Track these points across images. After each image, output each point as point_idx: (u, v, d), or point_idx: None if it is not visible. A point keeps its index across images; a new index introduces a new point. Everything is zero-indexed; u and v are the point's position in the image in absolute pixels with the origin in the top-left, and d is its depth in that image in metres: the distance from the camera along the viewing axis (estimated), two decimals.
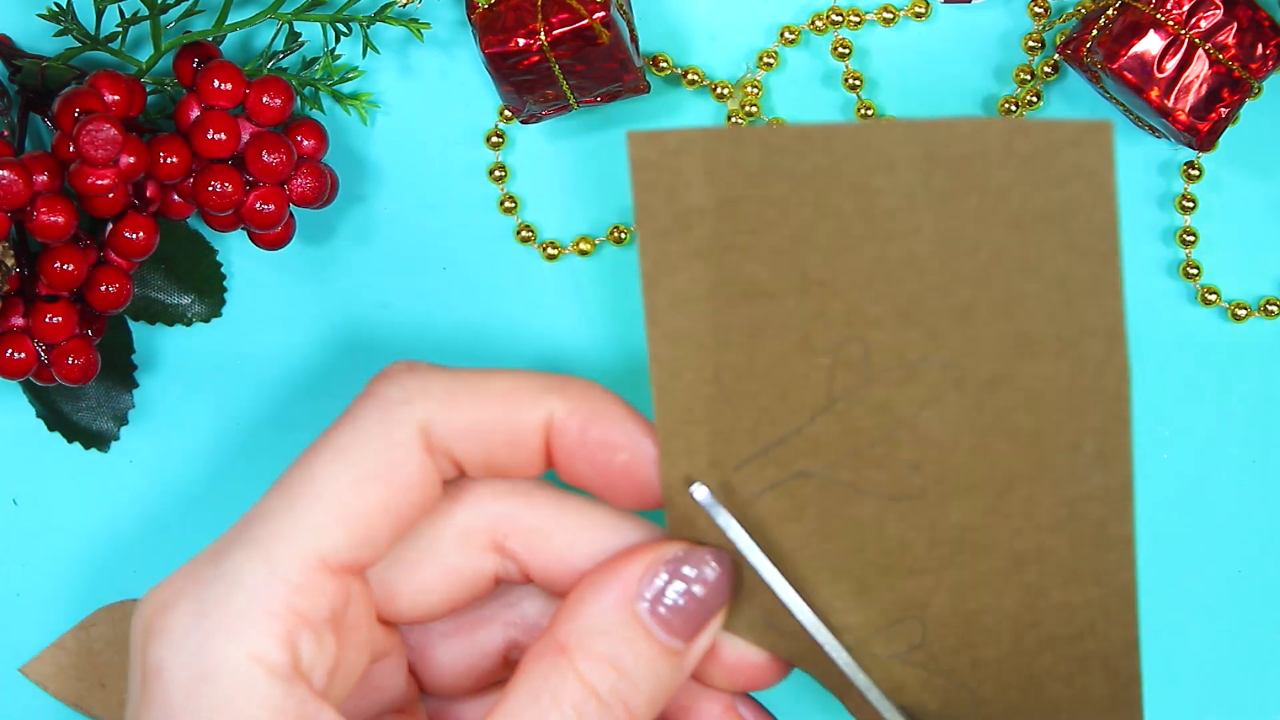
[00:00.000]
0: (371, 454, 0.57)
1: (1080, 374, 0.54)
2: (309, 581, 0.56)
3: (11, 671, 0.71)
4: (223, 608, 0.55)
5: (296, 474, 0.57)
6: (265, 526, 0.56)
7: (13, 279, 0.65)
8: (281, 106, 0.66)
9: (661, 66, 0.69)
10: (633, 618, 0.57)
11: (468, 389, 0.58)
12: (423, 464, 0.57)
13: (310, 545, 0.56)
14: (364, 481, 0.57)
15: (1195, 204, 0.69)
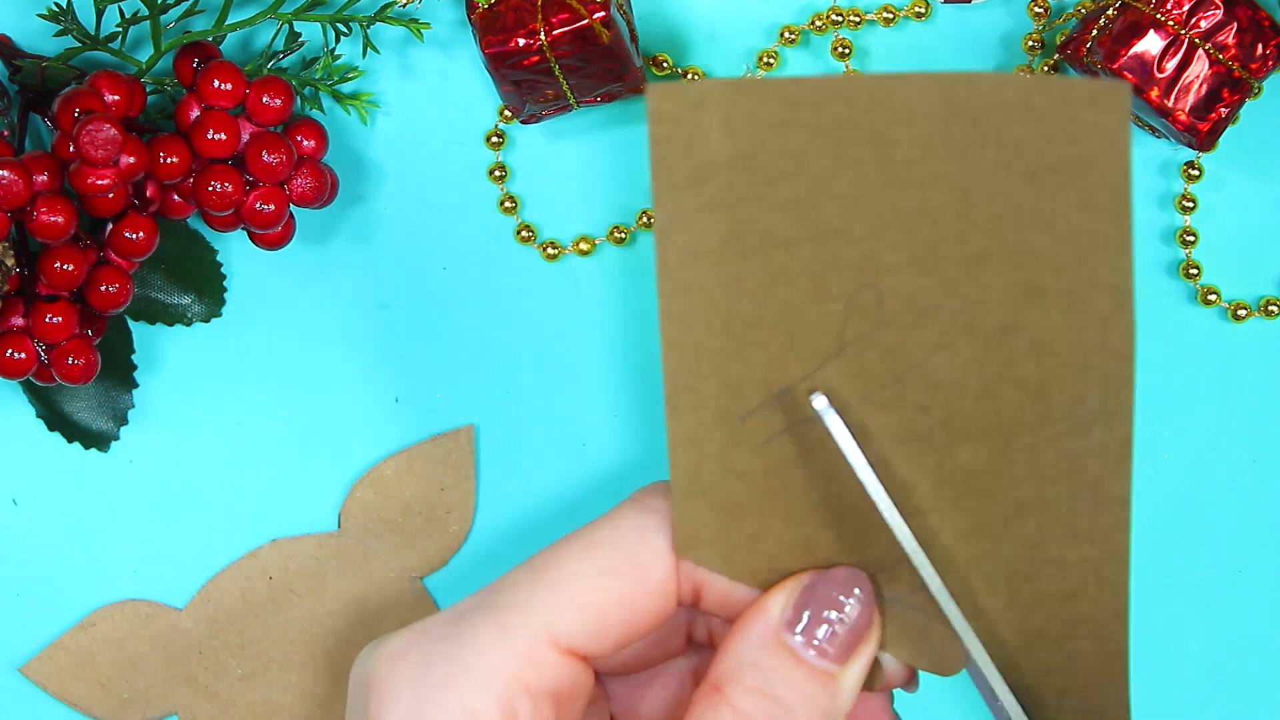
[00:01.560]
0: (621, 552, 0.58)
1: (1086, 328, 0.54)
2: (536, 653, 0.57)
3: (11, 671, 0.71)
4: (448, 663, 0.57)
5: (545, 556, 0.59)
6: (504, 597, 0.58)
7: (13, 279, 0.65)
8: (281, 106, 0.66)
9: (661, 66, 0.69)
10: (779, 645, 0.58)
11: None
12: (667, 575, 0.59)
13: (544, 621, 0.57)
14: (607, 575, 0.58)
15: (1195, 204, 0.69)
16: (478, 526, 0.71)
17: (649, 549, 0.58)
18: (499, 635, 0.57)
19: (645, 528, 0.59)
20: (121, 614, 0.70)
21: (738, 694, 0.57)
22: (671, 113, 0.53)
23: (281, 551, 0.70)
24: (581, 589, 0.58)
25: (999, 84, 0.52)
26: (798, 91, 0.53)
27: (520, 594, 0.58)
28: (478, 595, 0.59)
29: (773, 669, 0.57)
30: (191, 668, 0.70)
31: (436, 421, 0.70)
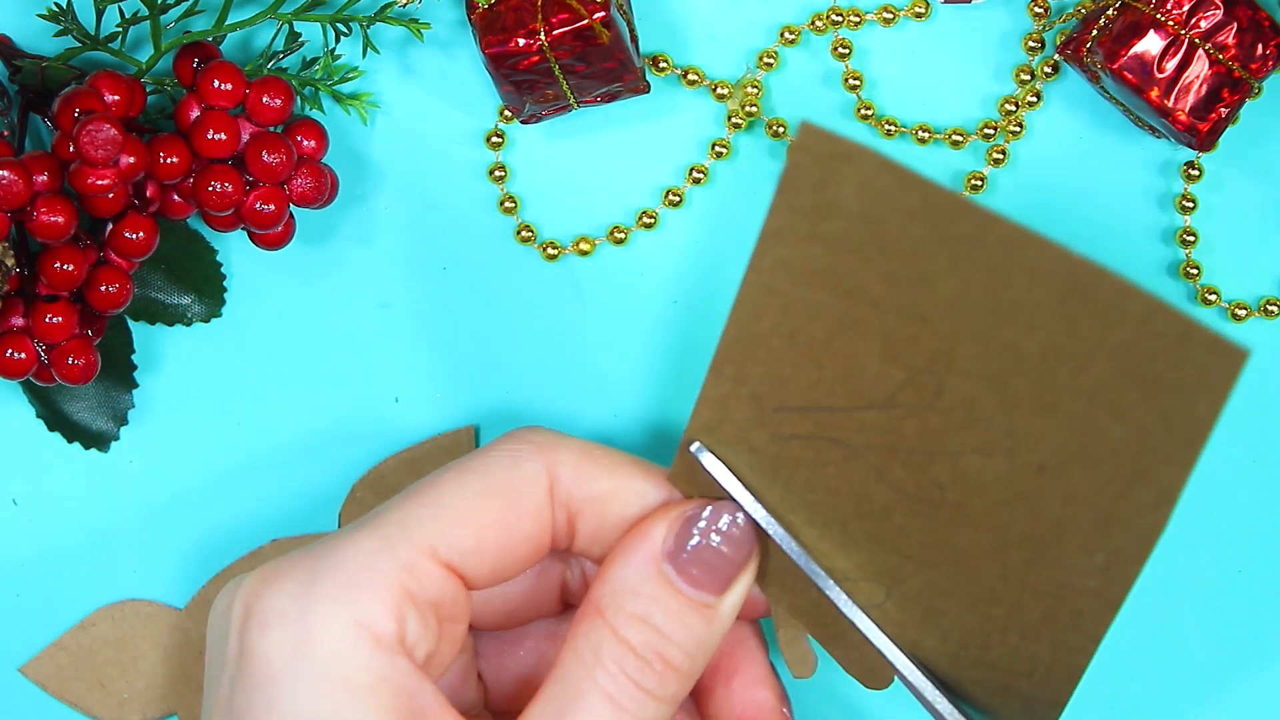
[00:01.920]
0: (496, 477, 0.60)
1: (1122, 504, 0.56)
2: (419, 564, 0.58)
3: (11, 671, 0.71)
4: (333, 575, 0.57)
5: (421, 483, 0.60)
6: (383, 515, 0.59)
7: (13, 279, 0.65)
8: (281, 106, 0.66)
9: (661, 66, 0.69)
10: (659, 575, 0.59)
11: (601, 452, 0.61)
12: (542, 501, 0.60)
13: (424, 534, 0.58)
14: (485, 495, 0.59)
15: (1195, 204, 0.69)
16: None
17: (523, 474, 0.60)
18: (382, 547, 0.58)
19: (519, 455, 0.60)
20: (121, 614, 0.70)
21: (619, 620, 0.58)
22: (815, 151, 0.54)
23: (281, 551, 0.70)
24: (460, 507, 0.59)
25: (1128, 293, 0.53)
26: (938, 198, 0.54)
27: (400, 513, 0.59)
28: (355, 521, 0.59)
29: (653, 598, 0.59)
30: (191, 668, 0.70)
31: (436, 421, 0.70)
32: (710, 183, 0.70)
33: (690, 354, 0.70)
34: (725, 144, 0.69)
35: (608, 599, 0.59)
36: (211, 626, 0.59)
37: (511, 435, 0.61)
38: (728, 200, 0.70)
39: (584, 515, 0.61)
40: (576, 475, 0.61)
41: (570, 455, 0.61)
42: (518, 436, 0.61)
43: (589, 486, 0.61)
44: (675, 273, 0.70)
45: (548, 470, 0.60)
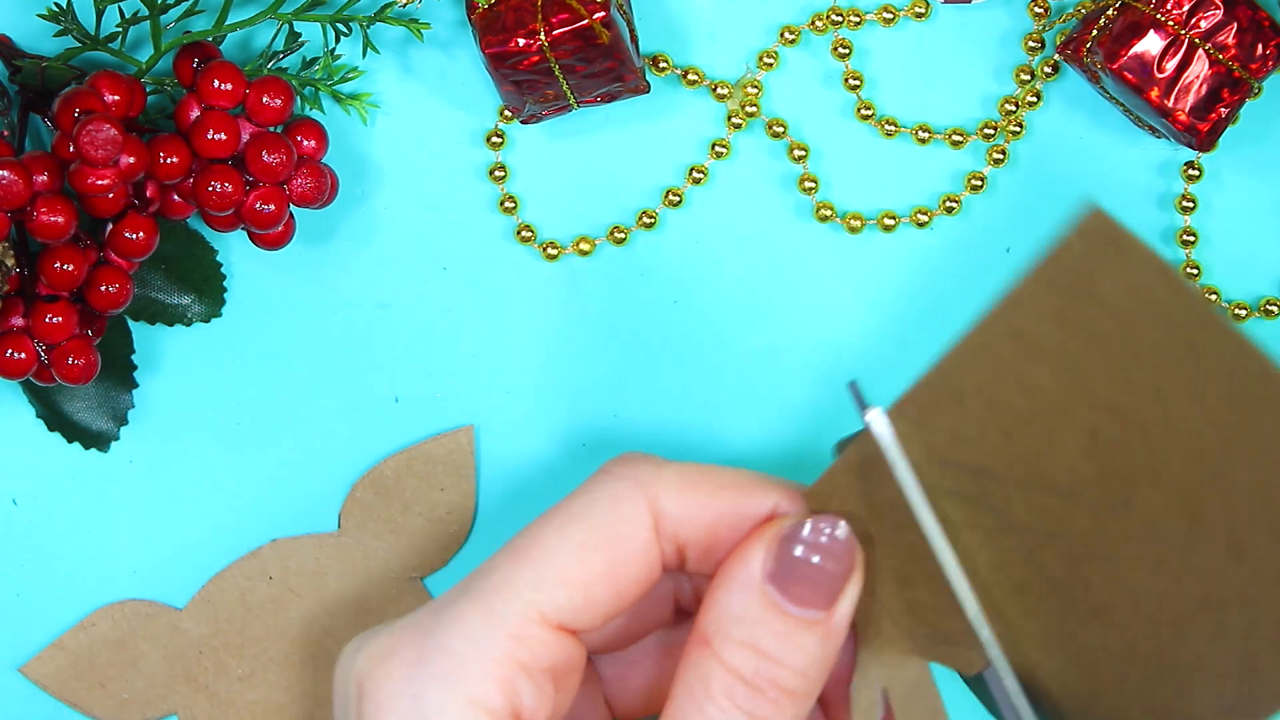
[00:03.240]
0: (599, 524, 0.58)
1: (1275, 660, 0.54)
2: (528, 633, 0.57)
3: (11, 671, 0.71)
4: (442, 654, 0.56)
5: (523, 537, 0.59)
6: (488, 580, 0.58)
7: (13, 279, 0.65)
8: (281, 106, 0.66)
9: (661, 66, 0.69)
10: (762, 597, 0.58)
11: (700, 475, 0.60)
12: (648, 542, 0.59)
13: (531, 599, 0.57)
14: (588, 547, 0.58)
15: (1195, 204, 0.69)
16: (478, 526, 0.71)
17: (625, 517, 0.59)
18: (488, 619, 0.57)
19: (619, 496, 0.59)
20: (121, 614, 0.70)
21: (726, 649, 0.57)
22: (1096, 236, 0.53)
23: (281, 551, 0.70)
24: (564, 564, 0.58)
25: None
26: (1207, 320, 0.52)
27: (502, 576, 0.58)
28: (458, 585, 0.59)
29: (758, 622, 0.57)
30: (191, 668, 0.70)
31: (436, 421, 0.70)
32: (710, 183, 0.70)
33: (690, 354, 0.70)
34: (725, 144, 0.69)
35: (713, 628, 0.58)
36: (335, 691, 0.59)
37: (610, 471, 0.60)
38: (728, 200, 0.70)
39: (691, 544, 0.60)
40: (680, 506, 0.59)
41: (671, 487, 0.59)
42: (616, 472, 0.60)
43: (693, 515, 0.59)
44: (675, 273, 0.70)
45: (650, 507, 0.59)
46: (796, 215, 0.70)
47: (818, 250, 0.70)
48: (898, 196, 0.70)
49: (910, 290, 0.70)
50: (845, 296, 0.70)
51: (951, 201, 0.69)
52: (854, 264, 0.70)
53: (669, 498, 0.59)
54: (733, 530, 0.59)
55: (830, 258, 0.70)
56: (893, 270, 0.70)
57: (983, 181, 0.69)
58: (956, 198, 0.69)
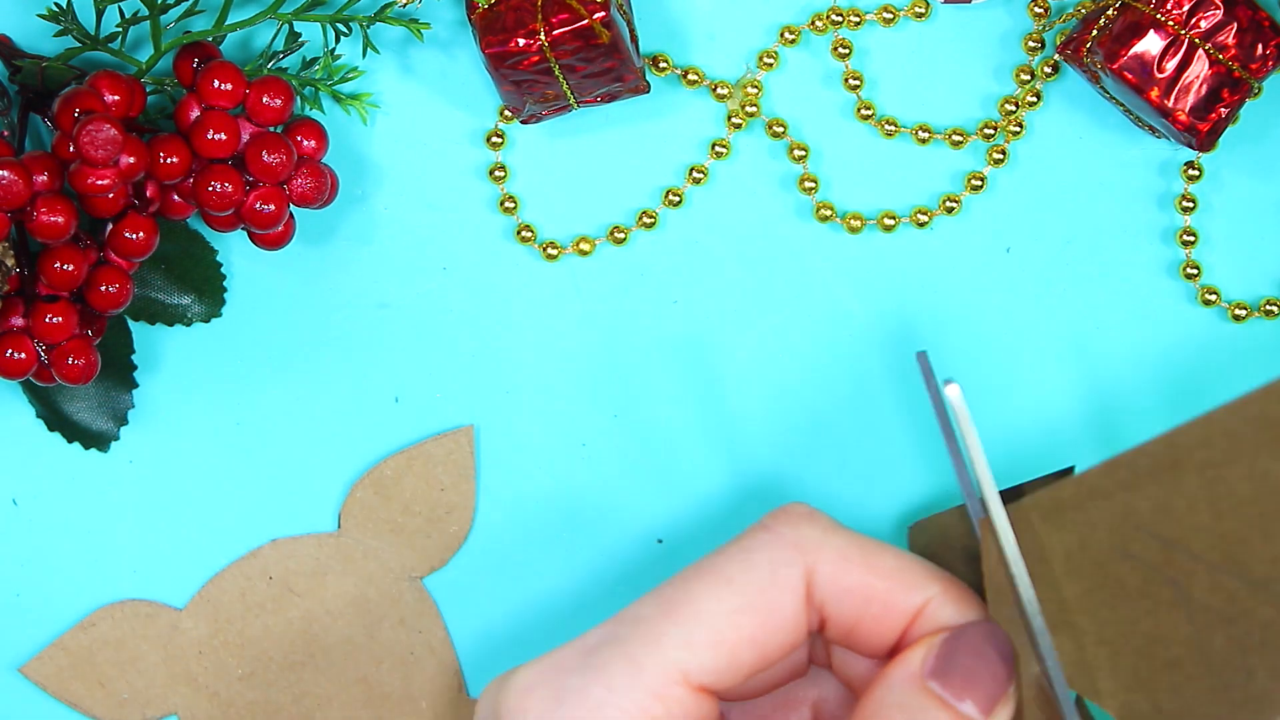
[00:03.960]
0: (755, 589, 0.58)
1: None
2: (668, 692, 0.57)
3: (11, 671, 0.71)
4: (580, 698, 0.57)
5: (679, 587, 0.58)
6: (635, 630, 0.58)
7: (13, 279, 0.65)
8: (281, 106, 0.66)
9: (661, 66, 0.69)
10: (925, 690, 0.58)
11: (861, 555, 0.59)
12: (799, 611, 0.59)
13: (676, 659, 0.57)
14: (740, 612, 0.58)
15: (1195, 204, 0.69)
16: (478, 526, 0.71)
17: (781, 584, 0.58)
18: (631, 671, 0.57)
19: (778, 561, 0.58)
20: (121, 614, 0.70)
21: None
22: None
23: (281, 551, 0.70)
24: (715, 626, 0.57)
25: None
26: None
27: (651, 628, 0.58)
28: (607, 626, 0.59)
29: (923, 711, 0.57)
30: (191, 668, 0.70)
31: (436, 421, 0.70)
32: (710, 183, 0.70)
33: (690, 354, 0.70)
34: (725, 144, 0.69)
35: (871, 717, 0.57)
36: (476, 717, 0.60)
37: (773, 529, 0.59)
38: (728, 200, 0.70)
39: (835, 618, 0.59)
40: (834, 582, 0.59)
41: (829, 560, 0.59)
42: (778, 532, 0.59)
43: (846, 594, 0.59)
44: (675, 273, 0.70)
45: (806, 576, 0.59)
46: (796, 215, 0.70)
47: (818, 250, 0.70)
48: (898, 196, 0.70)
49: (910, 290, 0.70)
50: (845, 296, 0.70)
51: (951, 201, 0.69)
52: (854, 264, 0.70)
53: (827, 571, 0.59)
54: (880, 617, 0.59)
55: (830, 258, 0.70)
56: (893, 270, 0.70)
57: (983, 181, 0.69)
58: (956, 198, 0.69)
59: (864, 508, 0.70)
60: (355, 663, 0.70)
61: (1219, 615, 0.56)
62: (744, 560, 0.59)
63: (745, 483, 0.70)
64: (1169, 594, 0.57)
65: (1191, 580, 0.57)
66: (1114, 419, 0.69)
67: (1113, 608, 0.58)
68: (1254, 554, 0.56)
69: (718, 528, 0.70)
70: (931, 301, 0.70)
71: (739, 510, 0.70)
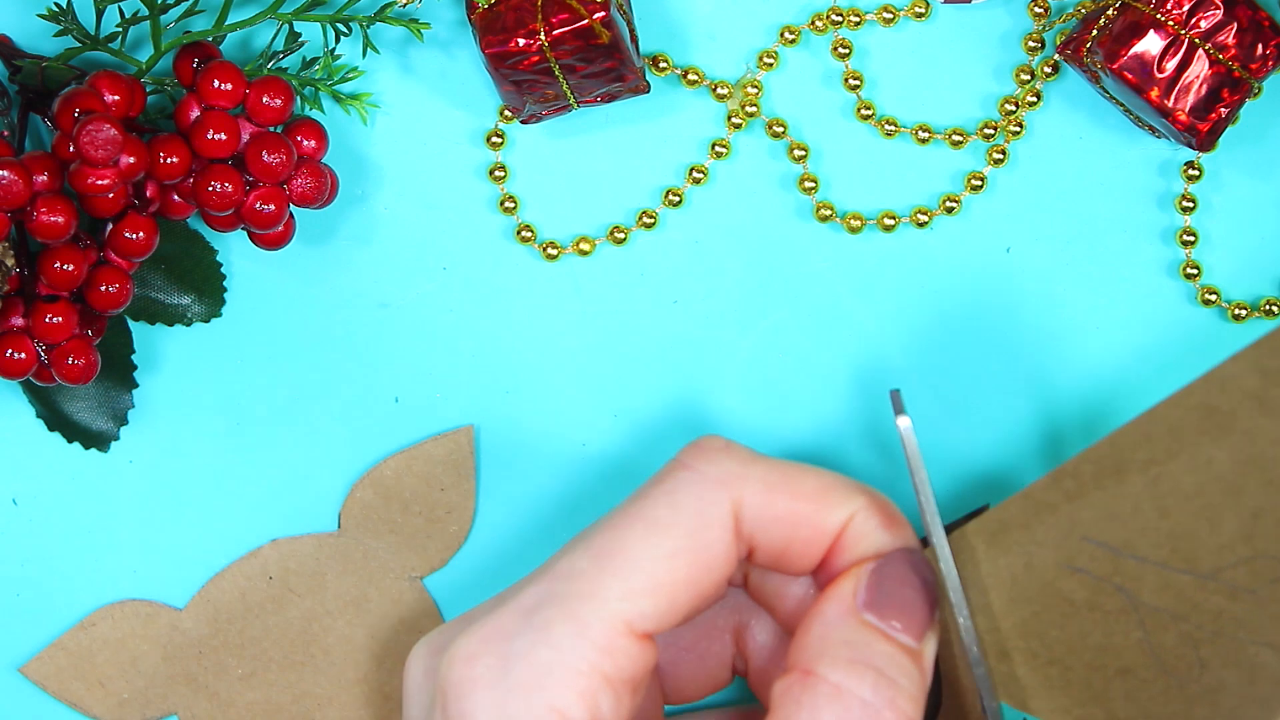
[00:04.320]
0: (685, 530, 0.58)
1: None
2: (614, 644, 0.57)
3: (11, 671, 0.71)
4: (528, 662, 0.57)
5: (609, 537, 0.59)
6: (574, 585, 0.58)
7: (13, 279, 0.65)
8: (281, 106, 0.66)
9: (661, 66, 0.69)
10: (865, 623, 0.58)
11: (784, 481, 0.59)
12: (729, 546, 0.59)
13: (618, 610, 0.57)
14: (675, 555, 0.58)
15: (1195, 204, 0.69)
16: (478, 526, 0.71)
17: (711, 522, 0.59)
18: (575, 629, 0.57)
19: (704, 500, 0.59)
20: (121, 614, 0.70)
21: (838, 671, 0.57)
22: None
23: (281, 551, 0.70)
24: (651, 572, 0.58)
25: None
26: None
27: (589, 582, 0.58)
28: (541, 584, 0.58)
29: (867, 644, 0.57)
30: (191, 668, 0.70)
31: (436, 421, 0.70)
32: (710, 183, 0.70)
33: (690, 354, 0.70)
34: (725, 144, 0.69)
35: (816, 657, 0.57)
36: (409, 687, 0.60)
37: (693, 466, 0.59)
38: (727, 200, 0.70)
39: (764, 545, 0.60)
40: (760, 511, 0.59)
41: (754, 491, 0.59)
42: (699, 470, 0.59)
43: (772, 521, 0.59)
44: (675, 273, 0.70)
45: (733, 510, 0.59)
46: (796, 215, 0.70)
47: (818, 250, 0.70)
48: (898, 196, 0.70)
49: (910, 290, 0.70)
50: (845, 296, 0.70)
51: (951, 201, 0.69)
52: (854, 264, 0.70)
53: (753, 503, 0.59)
54: (809, 539, 0.59)
55: (830, 258, 0.70)
56: (893, 270, 0.70)
57: (983, 181, 0.69)
58: (956, 198, 0.69)
59: None
60: (355, 663, 0.70)
61: (1169, 614, 0.56)
62: (671, 503, 0.59)
63: None
64: (1118, 602, 0.57)
65: (1140, 584, 0.57)
66: (1114, 419, 0.69)
67: (1061, 626, 0.58)
68: (1201, 545, 0.56)
69: None
70: (931, 301, 0.70)
71: None
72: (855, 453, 0.70)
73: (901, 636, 0.58)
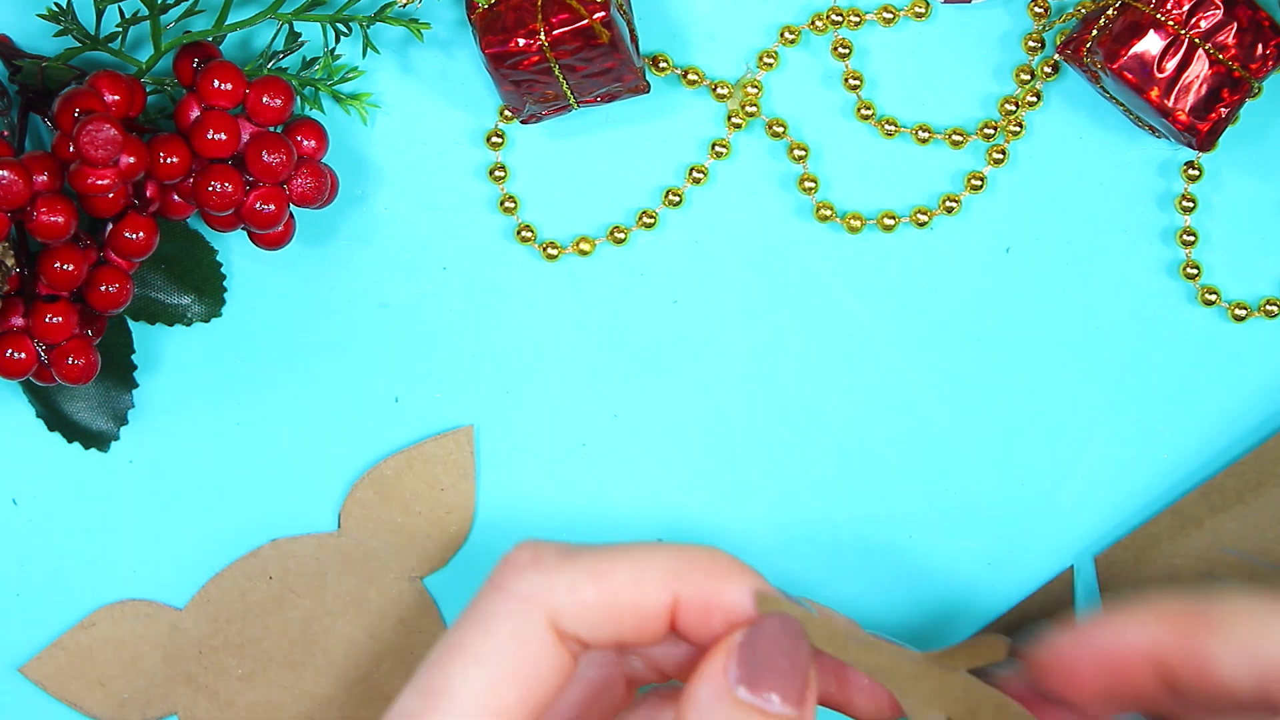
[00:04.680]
0: (505, 656, 0.58)
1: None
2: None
3: (11, 672, 0.71)
4: None
5: (434, 674, 0.58)
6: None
7: (13, 279, 0.65)
8: (281, 106, 0.66)
9: (661, 66, 0.69)
10: (736, 703, 0.58)
11: (592, 578, 0.59)
12: (556, 655, 0.58)
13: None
14: (499, 683, 0.58)
15: (1195, 204, 0.69)
16: (478, 526, 0.71)
17: (527, 642, 0.58)
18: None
19: (517, 622, 0.58)
20: (121, 614, 0.70)
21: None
22: None
23: (281, 551, 0.70)
24: (477, 705, 0.57)
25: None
26: None
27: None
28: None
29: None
30: (191, 668, 0.70)
31: (436, 421, 0.70)
32: (710, 183, 0.70)
33: (690, 354, 0.70)
34: (725, 144, 0.69)
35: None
36: None
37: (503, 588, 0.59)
38: (728, 200, 0.70)
39: (595, 644, 0.60)
40: (575, 618, 0.59)
41: (565, 601, 0.58)
42: (508, 592, 0.59)
43: (593, 624, 0.59)
44: (675, 273, 0.70)
45: (550, 625, 0.58)
46: (796, 215, 0.70)
47: (818, 250, 0.70)
48: (898, 196, 0.70)
49: (910, 290, 0.70)
50: (845, 296, 0.70)
51: (951, 201, 0.69)
52: (854, 264, 0.70)
53: (567, 612, 0.58)
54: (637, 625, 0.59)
55: (830, 258, 0.70)
56: (893, 270, 0.70)
57: (983, 181, 0.69)
58: (956, 198, 0.69)
59: (864, 507, 0.70)
60: (355, 663, 0.70)
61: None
62: (485, 631, 0.58)
63: (745, 482, 0.70)
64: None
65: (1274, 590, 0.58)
66: (1114, 418, 0.69)
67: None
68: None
69: (719, 527, 0.70)
70: (931, 301, 0.70)
71: (739, 510, 0.70)
72: (855, 452, 0.70)
73: (779, 708, 0.58)
